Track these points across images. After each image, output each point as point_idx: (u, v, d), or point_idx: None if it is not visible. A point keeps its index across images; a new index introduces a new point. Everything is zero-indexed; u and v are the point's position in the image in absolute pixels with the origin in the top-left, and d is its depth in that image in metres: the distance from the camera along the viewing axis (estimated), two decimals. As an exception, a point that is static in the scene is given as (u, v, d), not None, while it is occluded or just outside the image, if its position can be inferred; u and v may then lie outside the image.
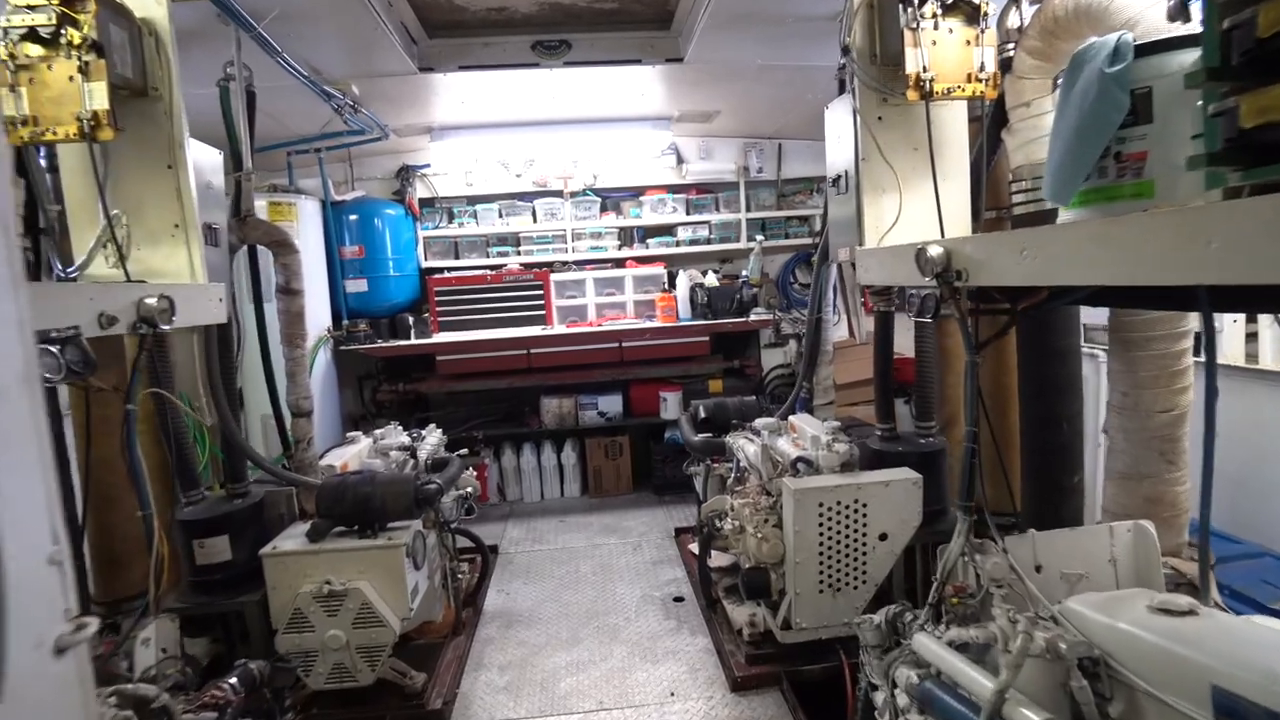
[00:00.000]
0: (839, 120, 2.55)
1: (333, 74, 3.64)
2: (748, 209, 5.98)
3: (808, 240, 6.12)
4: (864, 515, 2.56)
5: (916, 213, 2.41)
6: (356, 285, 5.30)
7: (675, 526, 4.64)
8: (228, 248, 2.53)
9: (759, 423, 3.33)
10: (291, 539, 2.63)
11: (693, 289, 5.47)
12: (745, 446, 3.12)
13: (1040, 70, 2.19)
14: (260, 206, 4.72)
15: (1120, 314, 2.07)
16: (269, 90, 3.80)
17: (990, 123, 2.35)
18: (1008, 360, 2.67)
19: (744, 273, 5.73)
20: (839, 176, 2.55)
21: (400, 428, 4.03)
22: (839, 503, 2.55)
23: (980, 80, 2.15)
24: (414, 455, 3.42)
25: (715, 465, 3.55)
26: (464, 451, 4.13)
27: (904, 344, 6.75)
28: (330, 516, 2.63)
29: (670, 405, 5.40)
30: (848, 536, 2.57)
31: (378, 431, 3.87)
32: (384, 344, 5.22)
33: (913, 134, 2.35)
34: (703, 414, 3.93)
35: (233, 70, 2.71)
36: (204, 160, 2.41)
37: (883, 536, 2.61)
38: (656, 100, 4.88)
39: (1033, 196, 2.18)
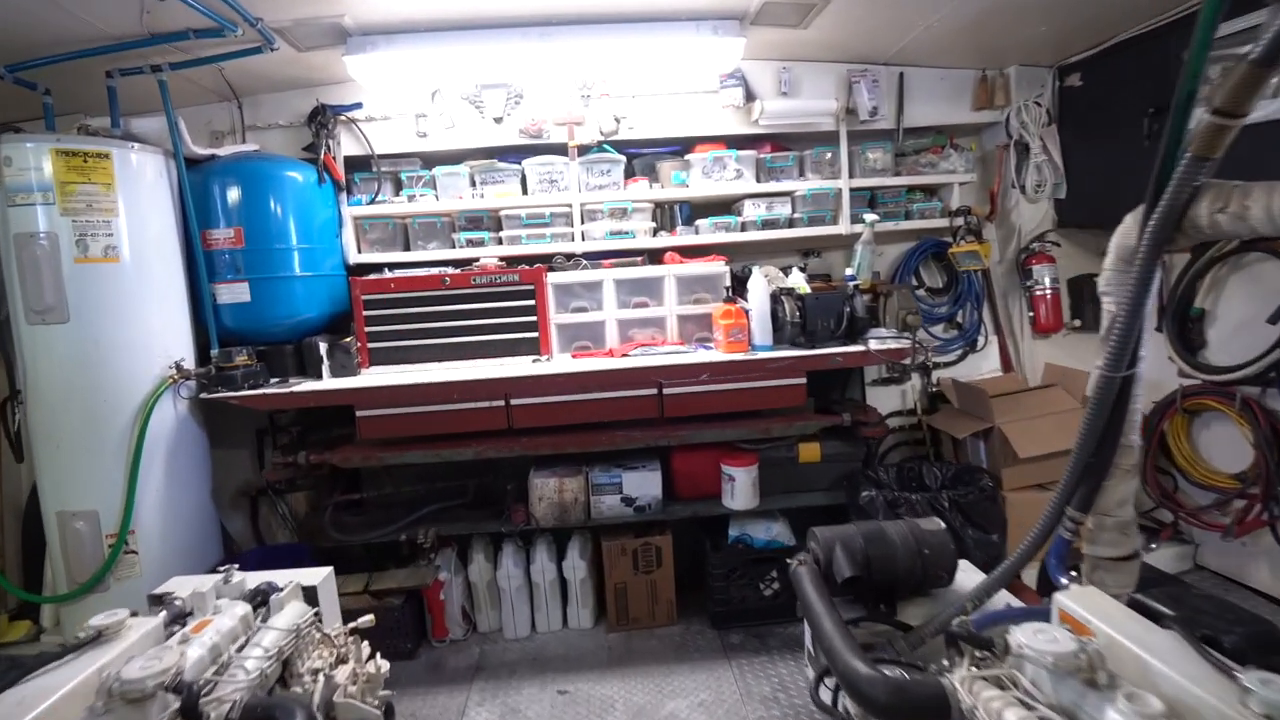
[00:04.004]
0: None
1: None
2: (851, 174, 3.90)
3: (941, 223, 4.02)
4: None
5: None
6: (234, 292, 3.29)
7: (759, 718, 2.57)
8: None
9: (1021, 639, 1.27)
10: None
11: (775, 298, 3.39)
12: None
13: None
14: (41, 157, 2.76)
15: None
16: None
17: None
18: None
19: (847, 272, 3.66)
20: None
21: (240, 579, 2.03)
22: None
23: None
24: (190, 703, 1.38)
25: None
26: (367, 621, 2.14)
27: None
28: None
29: (739, 488, 3.32)
30: None
31: (181, 599, 1.88)
32: (273, 390, 3.21)
33: None
34: (847, 570, 1.86)
35: None
36: None
37: None
38: (725, -28, 2.82)
39: None
